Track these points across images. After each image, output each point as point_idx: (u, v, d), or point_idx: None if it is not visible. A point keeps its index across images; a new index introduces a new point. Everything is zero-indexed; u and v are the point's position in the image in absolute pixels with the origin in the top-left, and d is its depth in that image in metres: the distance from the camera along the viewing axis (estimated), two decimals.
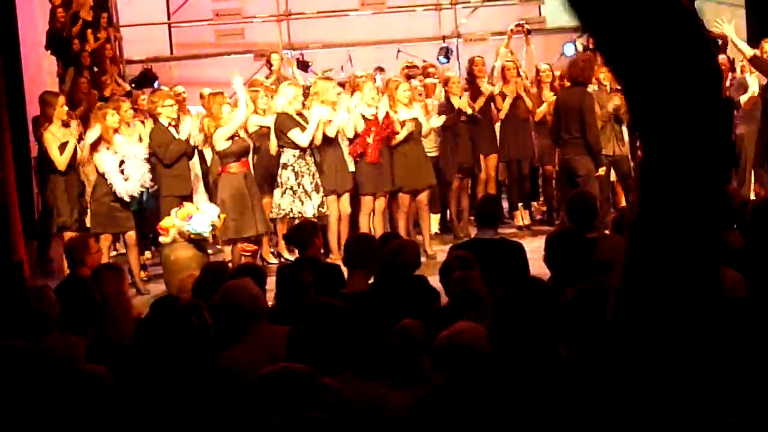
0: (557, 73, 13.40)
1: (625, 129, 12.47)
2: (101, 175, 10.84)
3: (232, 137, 10.78)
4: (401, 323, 5.14)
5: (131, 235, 11.05)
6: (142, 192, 11.07)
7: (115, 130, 10.92)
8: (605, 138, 12.12)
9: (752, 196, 11.41)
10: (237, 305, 5.31)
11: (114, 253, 12.30)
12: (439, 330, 4.51)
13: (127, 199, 10.79)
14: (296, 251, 8.22)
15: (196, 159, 12.08)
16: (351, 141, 11.55)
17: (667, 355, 2.17)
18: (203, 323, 4.59)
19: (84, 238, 8.51)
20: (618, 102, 12.05)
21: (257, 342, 5.11)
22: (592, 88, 12.15)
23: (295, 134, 11.06)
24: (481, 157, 12.98)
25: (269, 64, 15.07)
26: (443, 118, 12.31)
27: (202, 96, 13.03)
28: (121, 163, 10.77)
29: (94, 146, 10.79)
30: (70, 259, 8.16)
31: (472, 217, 11.59)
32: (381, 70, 15.43)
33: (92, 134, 10.80)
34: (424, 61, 15.64)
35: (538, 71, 13.30)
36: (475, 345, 4.09)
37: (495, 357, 3.83)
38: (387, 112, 11.49)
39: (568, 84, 11.83)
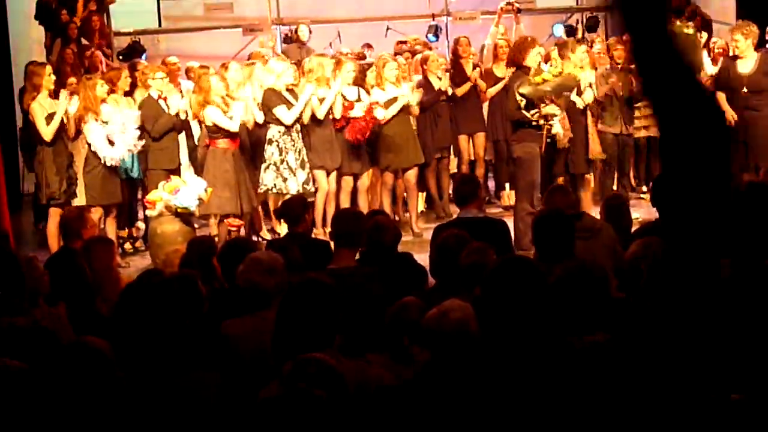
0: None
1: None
2: (90, 147, 10.83)
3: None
4: (400, 301, 5.17)
5: (114, 208, 11.09)
6: (131, 160, 11.12)
7: (103, 100, 10.93)
8: (612, 117, 12.11)
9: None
10: (257, 280, 5.30)
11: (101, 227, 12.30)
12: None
13: (111, 164, 10.78)
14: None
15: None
16: (337, 121, 11.54)
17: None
18: (196, 295, 4.61)
19: (81, 211, 8.51)
20: (614, 79, 11.99)
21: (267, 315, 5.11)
22: (603, 68, 12.17)
23: (280, 111, 11.04)
24: (466, 137, 12.99)
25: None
26: (418, 94, 12.17)
27: (188, 70, 12.99)
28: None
29: (81, 118, 10.77)
30: (66, 232, 8.15)
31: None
32: (369, 47, 15.40)
33: (73, 106, 10.77)
34: (416, 39, 15.55)
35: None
36: (464, 323, 4.11)
37: (483, 335, 3.85)
38: (370, 106, 11.46)
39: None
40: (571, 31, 17.59)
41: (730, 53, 12.26)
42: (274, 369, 3.86)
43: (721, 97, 11.46)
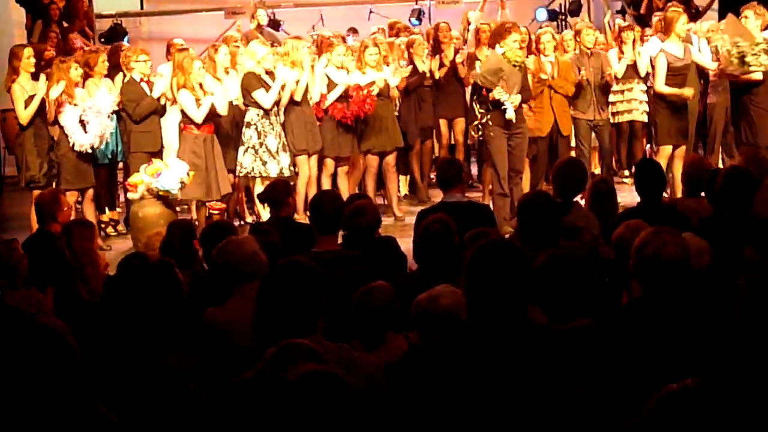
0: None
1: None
2: (63, 130, 10.78)
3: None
4: (370, 285, 5.16)
5: (90, 191, 11.04)
6: (107, 145, 11.07)
7: (77, 84, 10.87)
8: (585, 103, 12.13)
9: (720, 165, 11.46)
10: (233, 261, 5.33)
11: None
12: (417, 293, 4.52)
13: (78, 149, 10.72)
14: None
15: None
16: (318, 104, 11.53)
17: None
18: (174, 281, 4.58)
19: (55, 194, 8.46)
20: (585, 65, 12.04)
21: (248, 300, 5.12)
22: (572, 52, 12.21)
23: (259, 95, 11.02)
24: (446, 121, 13.00)
25: (254, 19, 14.98)
26: (399, 76, 12.16)
27: (169, 46, 12.87)
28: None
29: (59, 101, 10.72)
30: (40, 215, 8.11)
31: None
32: (354, 31, 15.35)
33: (56, 91, 10.70)
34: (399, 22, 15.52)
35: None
36: (453, 307, 4.10)
37: (470, 319, 3.84)
38: (368, 92, 11.47)
39: None
40: (553, 15, 17.59)
41: None
42: (257, 353, 3.83)
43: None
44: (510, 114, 10.43)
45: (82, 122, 10.75)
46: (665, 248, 4.28)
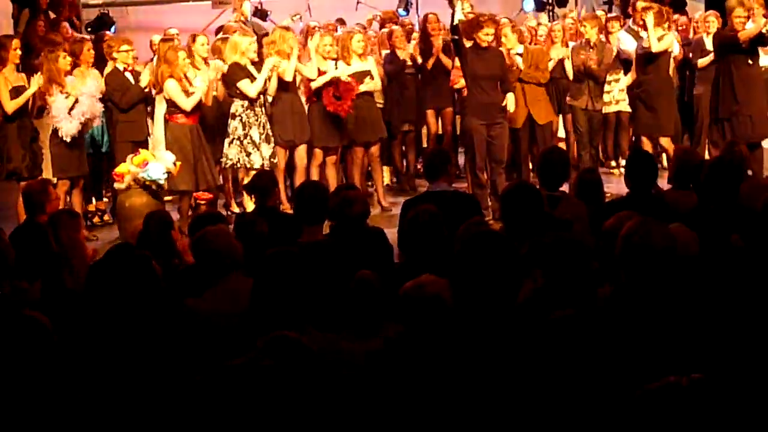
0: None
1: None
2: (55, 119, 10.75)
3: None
4: (357, 274, 5.16)
5: (81, 180, 11.02)
6: (99, 132, 11.06)
7: (67, 72, 10.84)
8: (579, 91, 12.20)
9: (707, 156, 11.47)
10: (213, 250, 5.34)
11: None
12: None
13: (67, 140, 10.69)
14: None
15: None
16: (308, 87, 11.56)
17: None
18: (151, 274, 4.58)
19: (44, 184, 8.42)
20: (584, 56, 12.07)
21: (228, 290, 5.15)
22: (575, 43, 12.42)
23: (244, 85, 11.02)
24: (432, 112, 13.01)
25: (237, 11, 14.93)
26: (375, 83, 12.20)
27: (152, 44, 12.88)
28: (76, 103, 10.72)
29: (46, 92, 10.67)
30: (29, 205, 8.08)
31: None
32: (342, 22, 15.32)
33: (35, 83, 10.64)
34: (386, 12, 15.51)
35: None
36: (440, 297, 4.10)
37: (456, 307, 3.85)
38: (349, 82, 11.48)
39: None
40: (541, 5, 17.58)
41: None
42: (248, 343, 3.84)
43: None
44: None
45: (70, 111, 10.71)
46: (651, 237, 4.31)
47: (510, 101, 10.89)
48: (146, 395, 4.13)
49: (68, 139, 10.71)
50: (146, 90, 11.37)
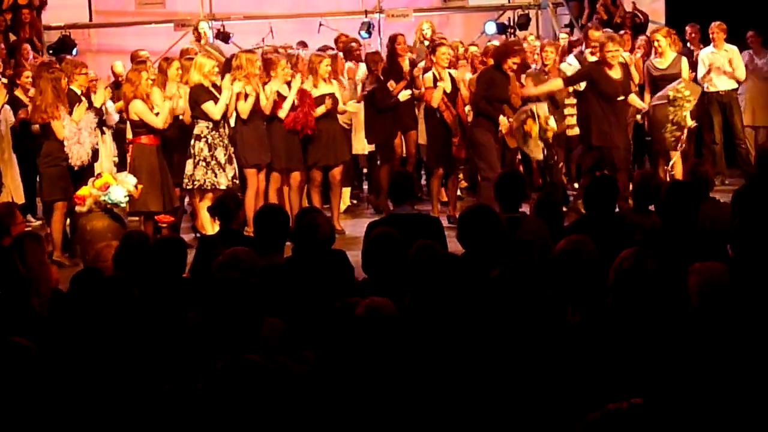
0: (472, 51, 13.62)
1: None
2: (59, 142, 10.66)
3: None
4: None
5: (65, 203, 10.89)
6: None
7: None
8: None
9: (667, 178, 11.56)
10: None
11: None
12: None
13: (77, 163, 10.65)
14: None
15: None
16: (269, 118, 11.55)
17: None
18: (129, 296, 4.56)
19: (10, 207, 8.35)
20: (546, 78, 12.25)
21: None
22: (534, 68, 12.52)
23: (208, 107, 11.00)
24: (400, 134, 13.00)
25: (197, 32, 14.95)
26: (358, 105, 12.26)
27: (113, 69, 12.87)
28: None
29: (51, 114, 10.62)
30: None
31: None
32: (304, 45, 15.33)
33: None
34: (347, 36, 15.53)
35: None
36: (391, 318, 4.11)
37: (412, 329, 3.87)
38: (305, 90, 11.53)
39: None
40: (502, 28, 17.70)
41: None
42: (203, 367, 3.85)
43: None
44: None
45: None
46: (645, 262, 4.55)
47: None
48: (117, 413, 4.13)
49: (78, 163, 10.66)
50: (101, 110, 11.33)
